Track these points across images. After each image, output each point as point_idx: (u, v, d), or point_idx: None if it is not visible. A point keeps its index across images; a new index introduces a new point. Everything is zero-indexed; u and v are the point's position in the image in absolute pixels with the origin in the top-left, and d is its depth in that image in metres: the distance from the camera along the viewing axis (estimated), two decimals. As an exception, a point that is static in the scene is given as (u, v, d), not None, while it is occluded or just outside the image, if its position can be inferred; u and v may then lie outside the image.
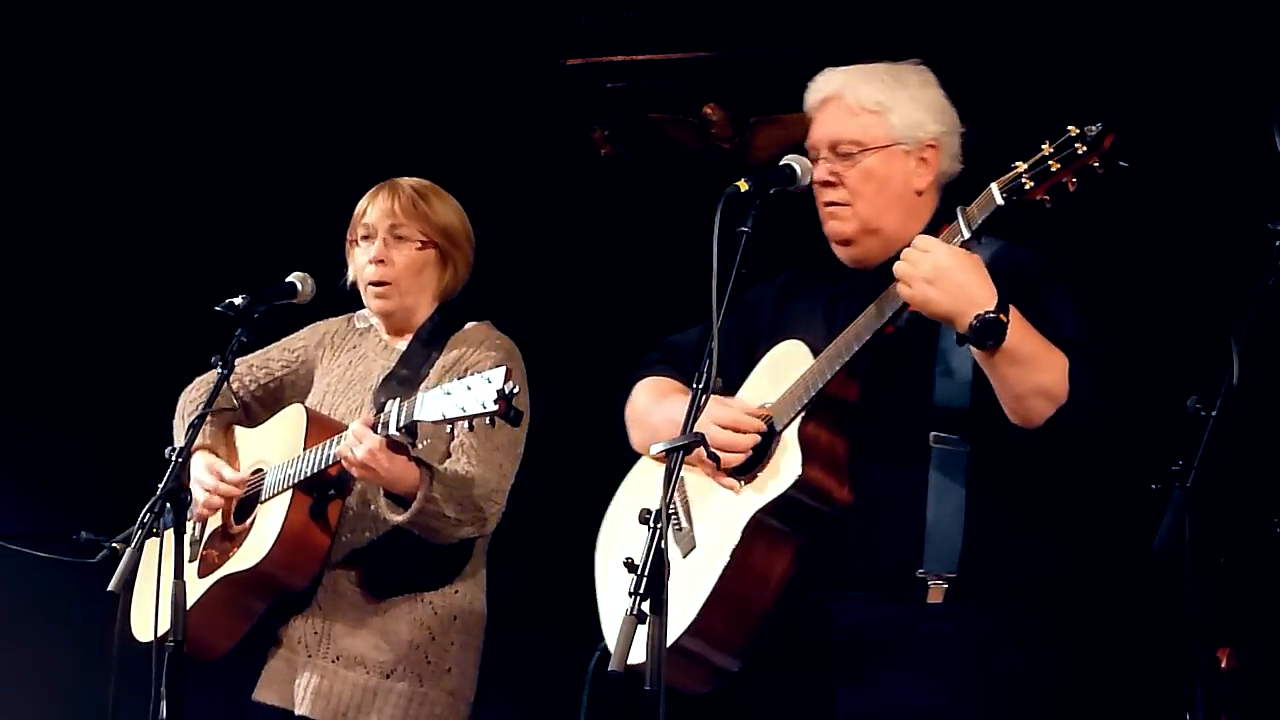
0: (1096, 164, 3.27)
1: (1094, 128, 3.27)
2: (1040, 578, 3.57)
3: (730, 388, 3.71)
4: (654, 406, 3.85)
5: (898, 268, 3.43)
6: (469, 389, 3.83)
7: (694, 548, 3.62)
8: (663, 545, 3.11)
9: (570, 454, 5.45)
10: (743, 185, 3.44)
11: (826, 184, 3.64)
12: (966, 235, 3.41)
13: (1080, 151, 3.27)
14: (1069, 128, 3.28)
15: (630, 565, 3.12)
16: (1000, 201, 3.36)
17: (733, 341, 3.77)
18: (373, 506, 4.16)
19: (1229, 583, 3.47)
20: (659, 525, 3.12)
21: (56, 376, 6.22)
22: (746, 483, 3.57)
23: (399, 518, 4.06)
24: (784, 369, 3.63)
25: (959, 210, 3.44)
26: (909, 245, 3.45)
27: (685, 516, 3.68)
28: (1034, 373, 3.37)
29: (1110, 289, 5.13)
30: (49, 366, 6.23)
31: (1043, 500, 3.58)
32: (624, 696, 3.18)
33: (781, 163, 3.56)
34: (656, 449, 3.35)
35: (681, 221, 4.42)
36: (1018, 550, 3.54)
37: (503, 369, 3.83)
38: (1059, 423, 3.39)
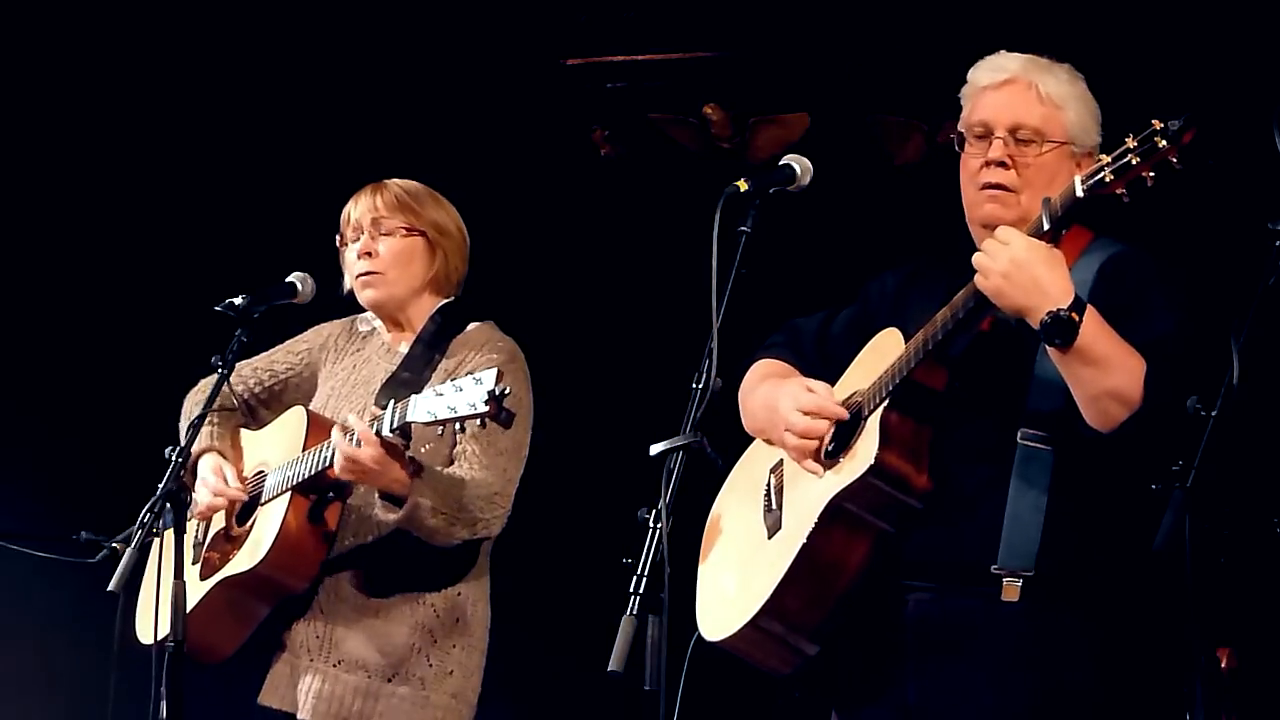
0: (1175, 159, 3.25)
1: (1176, 122, 3.24)
2: (1117, 581, 3.53)
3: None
4: (754, 389, 3.83)
5: (977, 258, 3.41)
6: (459, 390, 3.83)
7: (779, 529, 3.64)
8: (663, 546, 3.11)
9: (571, 454, 5.46)
10: (743, 185, 3.43)
11: (999, 165, 3.59)
12: (1046, 226, 3.38)
13: (1160, 146, 3.24)
14: (1153, 121, 3.26)
15: (630, 565, 3.12)
16: (1080, 194, 3.33)
17: (852, 327, 3.79)
18: (372, 509, 4.15)
19: (1229, 583, 3.46)
20: (658, 525, 3.11)
21: (57, 377, 6.22)
22: (830, 468, 3.57)
23: (393, 517, 4.06)
24: (879, 357, 3.62)
25: (1044, 201, 3.42)
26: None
27: (776, 499, 3.70)
28: (1108, 375, 3.34)
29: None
30: (49, 367, 6.23)
31: (1124, 504, 3.53)
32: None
33: (781, 163, 3.54)
34: (656, 449, 3.35)
35: (681, 221, 4.41)
36: (1096, 553, 3.50)
37: (494, 370, 3.83)
38: (1133, 428, 3.35)
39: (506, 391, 3.80)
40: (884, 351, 3.62)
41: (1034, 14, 5.34)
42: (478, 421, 3.85)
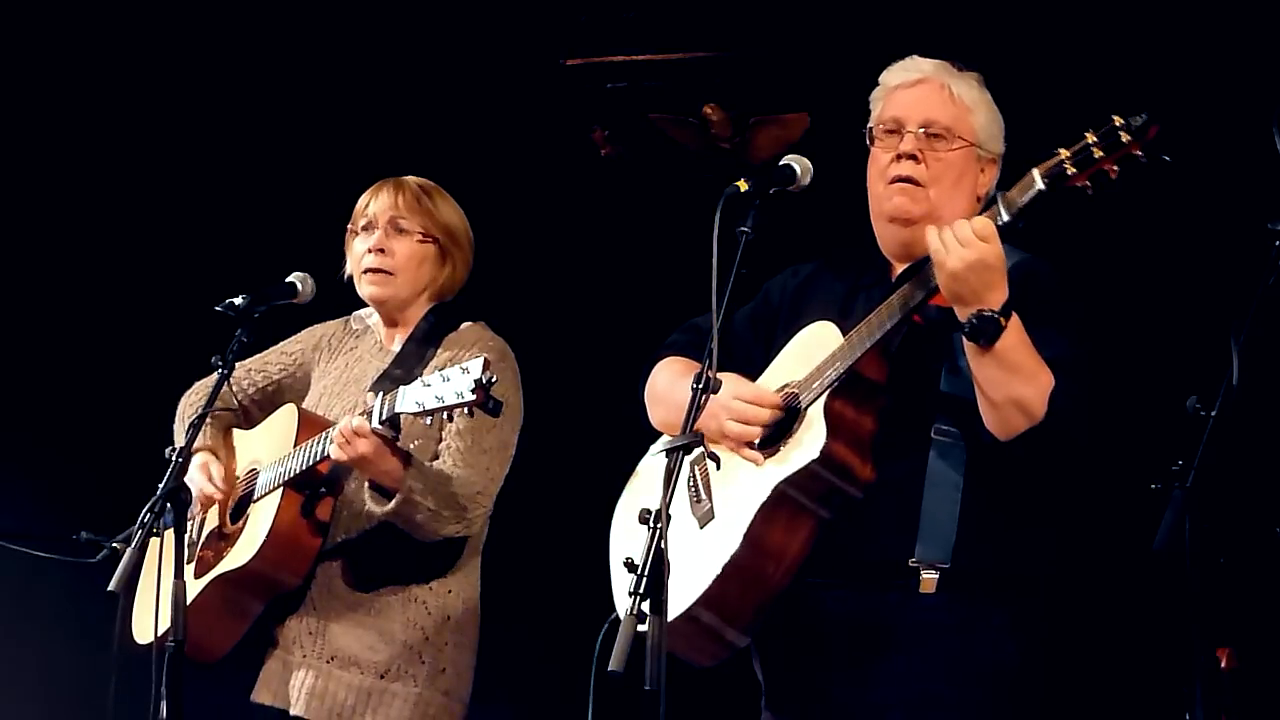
0: (1139, 153, 3.29)
1: (1139, 118, 3.29)
2: (1033, 572, 3.58)
3: (755, 369, 3.72)
4: (675, 384, 3.82)
5: (941, 248, 3.39)
6: (446, 380, 3.85)
7: (712, 519, 3.62)
8: (662, 545, 3.11)
9: (567, 453, 5.46)
10: (743, 185, 3.44)
11: (909, 158, 3.63)
12: (1005, 219, 3.40)
13: (1124, 140, 3.28)
14: (1114, 117, 3.30)
15: (630, 565, 3.12)
16: (1042, 186, 3.35)
17: (756, 324, 3.81)
18: (364, 505, 4.16)
19: (1229, 583, 3.47)
20: (658, 526, 3.11)
21: (57, 377, 6.23)
22: (769, 457, 3.57)
23: (382, 509, 4.08)
24: (813, 349, 3.63)
25: (998, 195, 3.44)
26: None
27: (705, 491, 3.67)
28: (1017, 383, 3.38)
29: (1110, 289, 5.13)
30: (49, 367, 6.23)
31: (1038, 496, 3.58)
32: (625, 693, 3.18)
33: (781, 163, 3.55)
34: (656, 449, 3.35)
35: (681, 221, 4.41)
36: (1011, 543, 3.54)
37: (480, 359, 3.84)
38: (1031, 441, 3.41)
39: (493, 380, 3.81)
40: (819, 343, 3.63)
41: (1032, 14, 5.34)
42: (465, 411, 3.85)
